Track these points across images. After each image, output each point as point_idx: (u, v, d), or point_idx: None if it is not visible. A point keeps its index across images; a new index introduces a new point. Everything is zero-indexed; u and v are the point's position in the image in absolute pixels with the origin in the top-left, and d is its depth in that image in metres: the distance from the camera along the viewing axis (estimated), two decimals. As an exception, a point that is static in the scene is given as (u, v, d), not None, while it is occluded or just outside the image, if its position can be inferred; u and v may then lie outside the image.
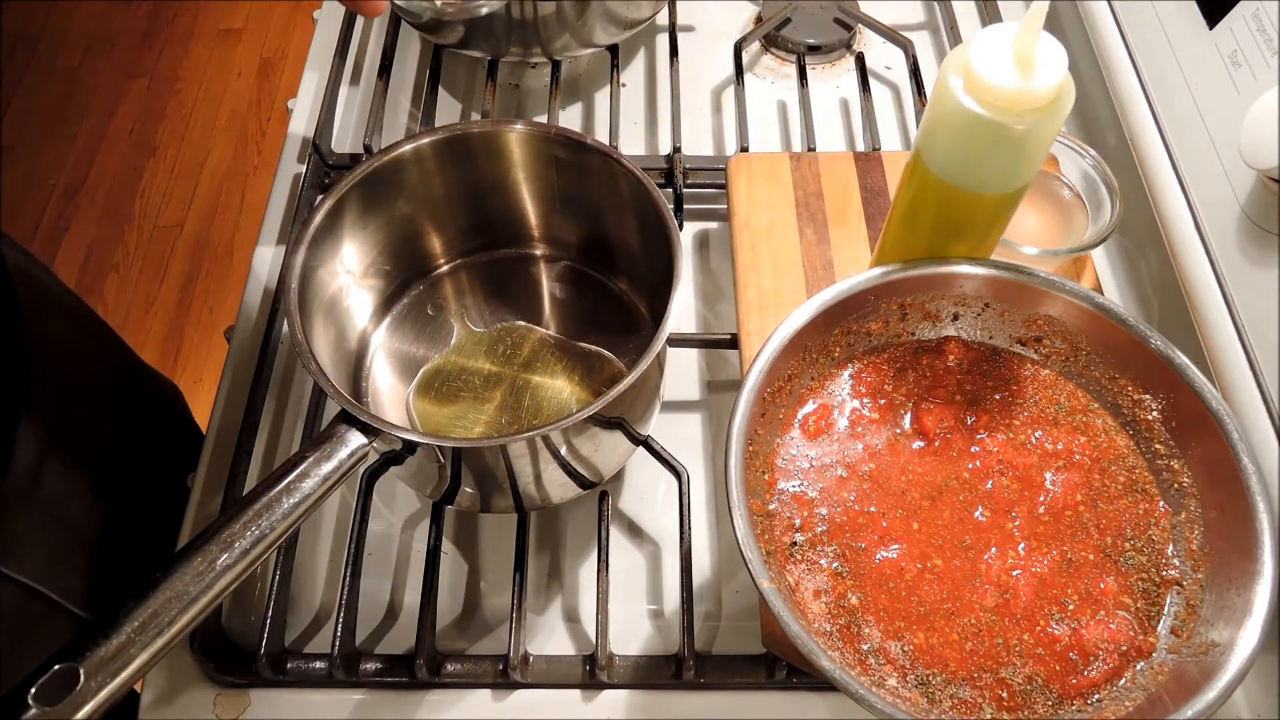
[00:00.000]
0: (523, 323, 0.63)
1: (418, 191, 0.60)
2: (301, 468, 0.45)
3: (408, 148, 0.57)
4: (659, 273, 0.54)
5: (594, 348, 0.62)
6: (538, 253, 0.66)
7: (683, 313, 0.70)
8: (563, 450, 0.51)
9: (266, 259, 0.73)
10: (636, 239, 0.59)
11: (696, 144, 0.79)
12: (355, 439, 0.46)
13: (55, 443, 0.62)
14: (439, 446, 0.49)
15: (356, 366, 0.61)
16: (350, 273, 0.59)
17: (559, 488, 0.55)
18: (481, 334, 0.63)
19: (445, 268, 0.66)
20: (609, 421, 0.52)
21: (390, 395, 0.61)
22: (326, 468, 0.45)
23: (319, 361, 0.49)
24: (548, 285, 0.66)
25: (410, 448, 0.49)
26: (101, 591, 0.67)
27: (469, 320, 0.64)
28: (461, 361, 0.62)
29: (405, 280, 0.64)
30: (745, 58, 0.83)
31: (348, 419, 0.47)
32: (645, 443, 0.59)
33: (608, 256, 0.64)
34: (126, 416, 0.74)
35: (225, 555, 0.42)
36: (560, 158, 0.59)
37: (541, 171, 0.61)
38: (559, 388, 0.60)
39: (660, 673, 0.55)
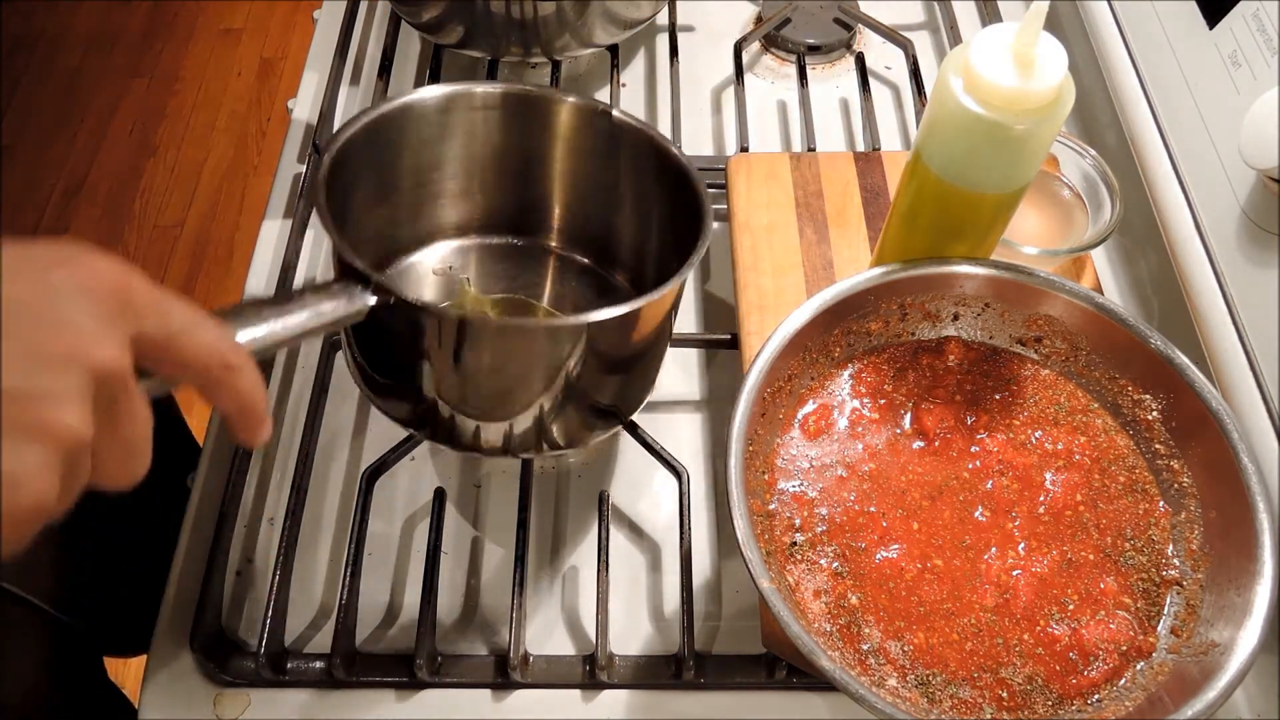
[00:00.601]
0: (529, 298, 0.63)
1: (465, 141, 0.60)
2: (301, 299, 0.43)
3: (479, 89, 0.57)
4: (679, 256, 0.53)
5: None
6: (552, 244, 0.66)
7: (683, 312, 0.70)
8: (564, 354, 0.49)
9: (266, 258, 0.73)
10: (657, 234, 0.59)
11: (696, 144, 0.79)
12: (356, 292, 0.45)
13: None
14: (440, 317, 0.47)
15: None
16: (379, 194, 0.58)
17: (560, 422, 0.53)
18: (485, 298, 0.63)
19: (457, 241, 0.65)
20: (614, 354, 0.52)
21: None
22: (326, 307, 0.44)
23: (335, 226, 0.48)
24: (558, 275, 0.65)
25: (399, 307, 0.47)
26: (89, 595, 0.66)
27: (477, 286, 0.64)
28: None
29: (419, 239, 0.63)
30: (745, 58, 0.82)
31: (350, 274, 0.46)
32: (634, 429, 0.59)
33: (621, 258, 0.64)
34: None
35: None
36: (599, 132, 0.59)
37: (582, 147, 0.61)
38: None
39: (660, 673, 0.55)
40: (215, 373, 0.35)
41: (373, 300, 0.45)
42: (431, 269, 0.64)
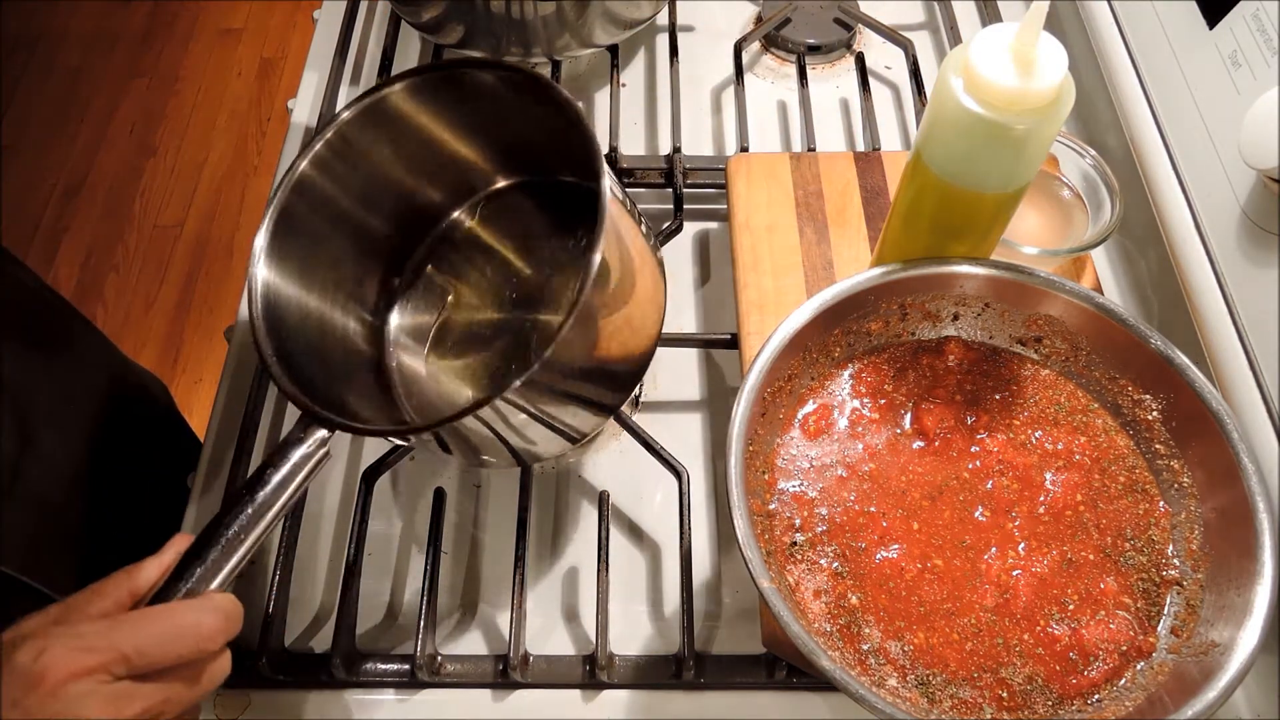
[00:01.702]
0: (511, 264, 0.64)
1: (360, 177, 0.59)
2: (279, 460, 0.46)
3: (332, 125, 0.57)
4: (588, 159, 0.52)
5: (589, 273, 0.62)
6: (496, 186, 0.65)
7: (683, 312, 0.70)
8: (531, 410, 0.50)
9: (266, 259, 0.73)
10: (559, 137, 0.57)
11: (696, 144, 0.79)
12: (315, 433, 0.47)
13: (32, 436, 0.62)
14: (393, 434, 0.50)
15: (379, 354, 0.62)
16: (330, 288, 0.59)
17: (546, 442, 0.54)
18: (475, 286, 0.63)
19: (421, 249, 0.65)
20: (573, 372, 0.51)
21: (416, 367, 0.62)
22: (283, 471, 0.47)
23: (276, 363, 0.50)
24: (516, 214, 0.65)
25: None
26: (90, 581, 0.66)
27: (463, 278, 0.64)
28: (464, 316, 0.62)
29: (388, 271, 0.64)
30: (745, 58, 0.83)
31: (310, 416, 0.48)
32: (614, 410, 0.57)
33: (547, 166, 0.63)
34: (107, 410, 0.74)
35: (200, 570, 0.44)
36: (462, 93, 0.58)
37: (458, 117, 0.60)
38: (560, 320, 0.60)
39: (660, 673, 0.55)
40: (197, 662, 0.42)
41: (326, 433, 0.47)
42: (419, 286, 0.65)
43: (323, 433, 0.47)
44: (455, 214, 0.66)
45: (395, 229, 0.64)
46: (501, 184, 0.65)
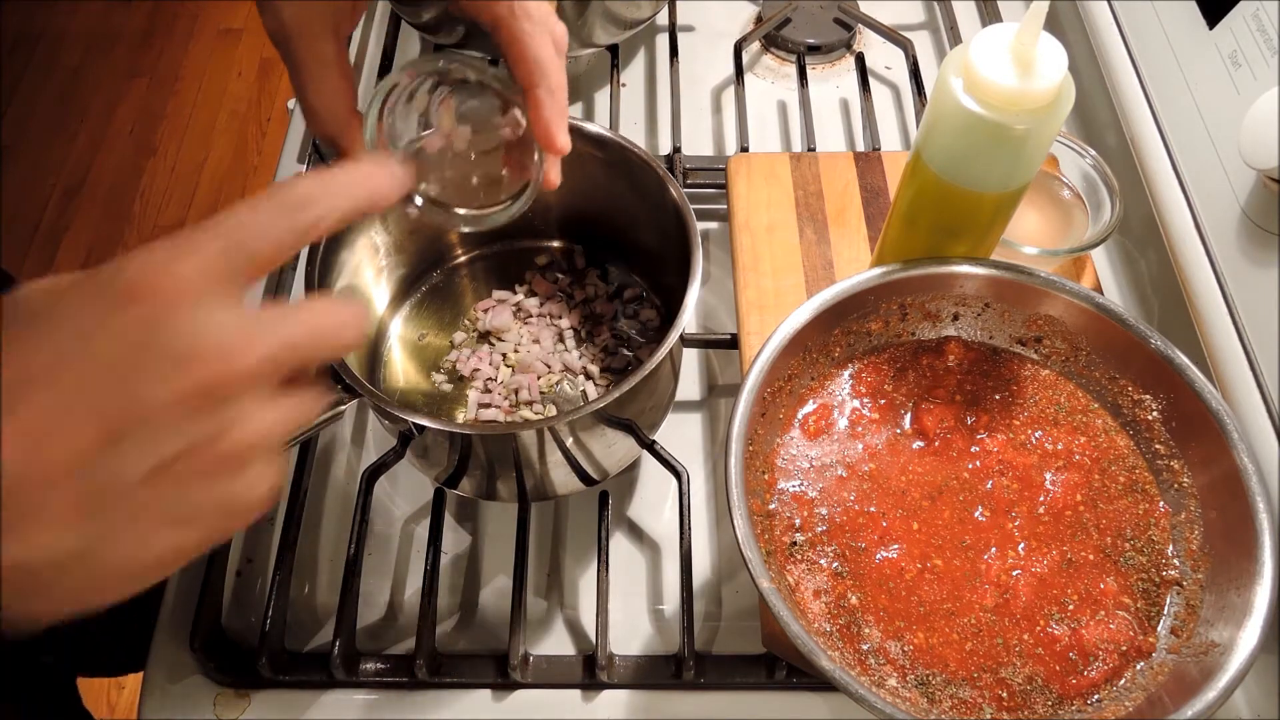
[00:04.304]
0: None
1: None
2: None
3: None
4: (674, 270, 0.54)
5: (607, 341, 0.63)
6: (555, 244, 0.67)
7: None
8: (568, 442, 0.51)
9: (266, 259, 0.73)
10: (654, 236, 0.60)
11: (696, 144, 0.79)
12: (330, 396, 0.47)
13: None
14: (444, 430, 0.49)
15: (374, 354, 0.62)
16: (370, 256, 0.60)
17: (562, 482, 0.55)
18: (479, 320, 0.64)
19: (463, 257, 0.66)
20: (616, 420, 0.52)
21: (406, 381, 0.62)
22: None
23: None
24: (563, 278, 0.66)
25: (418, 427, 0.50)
26: (60, 628, 0.66)
27: (489, 286, 0.65)
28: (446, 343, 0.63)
29: (422, 269, 0.65)
30: (745, 58, 0.82)
31: (334, 376, 0.48)
32: (650, 446, 0.59)
33: (623, 252, 0.65)
34: None
35: None
36: (579, 151, 0.59)
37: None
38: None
39: (660, 673, 0.55)
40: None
41: (333, 398, 0.47)
42: (442, 298, 0.65)
43: (335, 397, 0.47)
44: (517, 243, 0.67)
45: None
46: (580, 252, 0.67)
